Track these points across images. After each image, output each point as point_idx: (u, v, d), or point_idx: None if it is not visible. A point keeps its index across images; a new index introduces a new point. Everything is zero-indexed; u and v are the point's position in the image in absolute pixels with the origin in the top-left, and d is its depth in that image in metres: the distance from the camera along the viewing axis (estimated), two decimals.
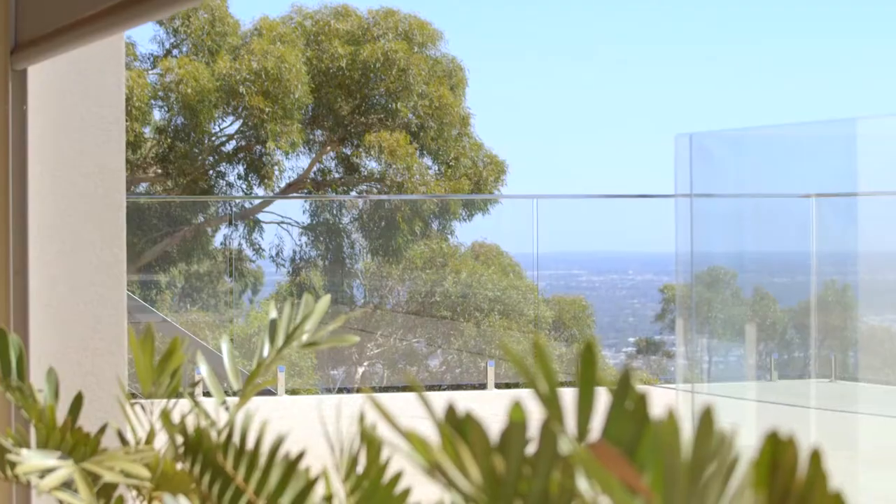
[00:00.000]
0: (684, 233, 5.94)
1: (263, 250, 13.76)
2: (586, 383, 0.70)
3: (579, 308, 13.45)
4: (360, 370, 12.17)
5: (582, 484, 0.72)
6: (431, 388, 11.85)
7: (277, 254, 13.52)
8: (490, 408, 4.24)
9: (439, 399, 0.76)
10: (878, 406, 6.25)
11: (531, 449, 0.73)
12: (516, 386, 10.97)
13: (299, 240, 13.25)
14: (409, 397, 8.71)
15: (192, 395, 1.44)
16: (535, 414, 0.73)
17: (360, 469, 1.12)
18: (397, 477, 1.03)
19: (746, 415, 6.30)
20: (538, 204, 11.36)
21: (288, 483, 1.02)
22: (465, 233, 13.69)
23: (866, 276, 6.40)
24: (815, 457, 0.68)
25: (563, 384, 0.70)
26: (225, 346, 1.49)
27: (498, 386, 11.01)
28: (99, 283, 1.82)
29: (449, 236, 13.46)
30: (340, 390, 11.77)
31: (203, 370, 1.47)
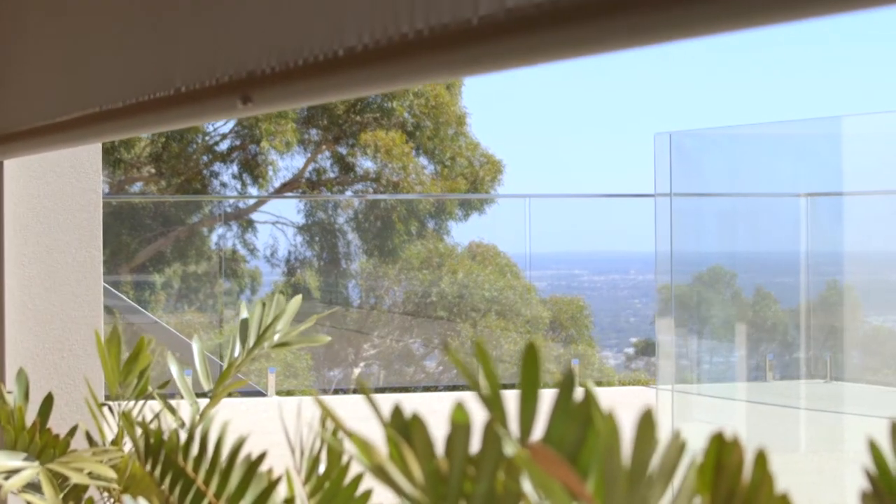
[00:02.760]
0: (664, 232, 5.94)
1: (258, 250, 13.73)
2: (529, 385, 0.69)
3: (577, 309, 13.42)
4: (357, 371, 12.15)
5: (527, 485, 0.71)
6: (428, 389, 11.83)
7: (272, 254, 13.50)
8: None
9: (439, 401, 0.75)
10: (872, 408, 6.24)
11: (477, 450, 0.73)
12: (512, 387, 10.93)
13: (294, 240, 13.23)
14: (408, 399, 8.70)
15: (162, 396, 1.44)
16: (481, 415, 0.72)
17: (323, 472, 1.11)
18: (358, 478, 1.02)
19: (736, 416, 6.29)
20: (532, 203, 11.35)
21: (249, 485, 1.01)
22: (462, 233, 13.66)
23: (861, 276, 6.39)
24: (761, 458, 0.68)
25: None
26: (195, 347, 1.49)
27: None
28: (75, 284, 1.81)
29: (445, 236, 13.44)
30: (336, 391, 11.75)
31: (174, 371, 1.46)
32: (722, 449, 0.67)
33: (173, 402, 1.42)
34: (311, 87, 0.93)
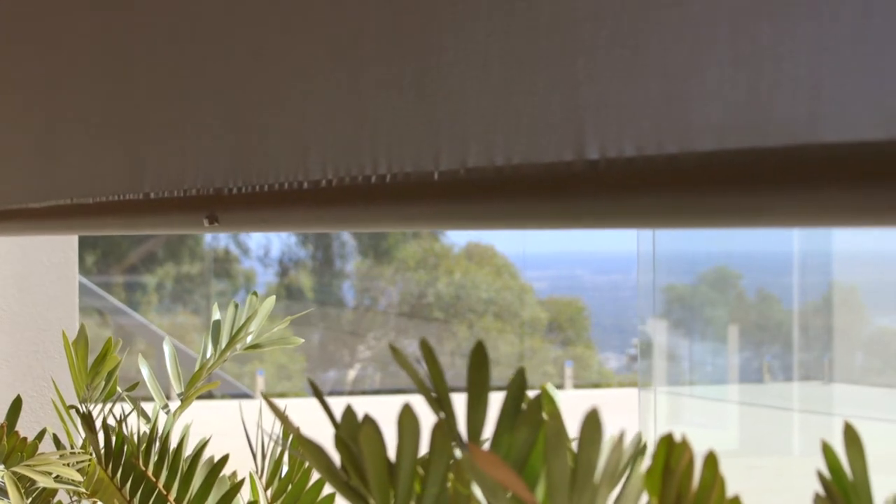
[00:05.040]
0: (646, 231, 5.93)
1: (251, 251, 13.72)
2: (476, 386, 0.68)
3: (575, 310, 13.43)
4: (352, 373, 12.15)
5: (477, 488, 0.70)
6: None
7: (265, 254, 13.48)
8: None
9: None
10: (874, 410, 6.24)
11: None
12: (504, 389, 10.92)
13: (288, 240, 13.22)
14: (404, 400, 8.67)
15: (133, 399, 1.42)
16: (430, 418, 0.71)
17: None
18: (322, 482, 1.01)
19: (729, 418, 6.28)
20: None
21: (210, 489, 1.00)
22: (459, 232, 13.67)
23: (866, 277, 6.38)
24: (711, 460, 0.66)
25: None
26: (167, 349, 1.47)
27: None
28: (49, 285, 1.80)
29: (441, 236, 13.44)
30: (331, 393, 11.74)
31: (145, 373, 1.45)
32: (671, 451, 0.66)
33: (151, 405, 1.41)
34: (276, 216, 0.92)
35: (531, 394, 0.69)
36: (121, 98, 1.14)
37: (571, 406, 0.61)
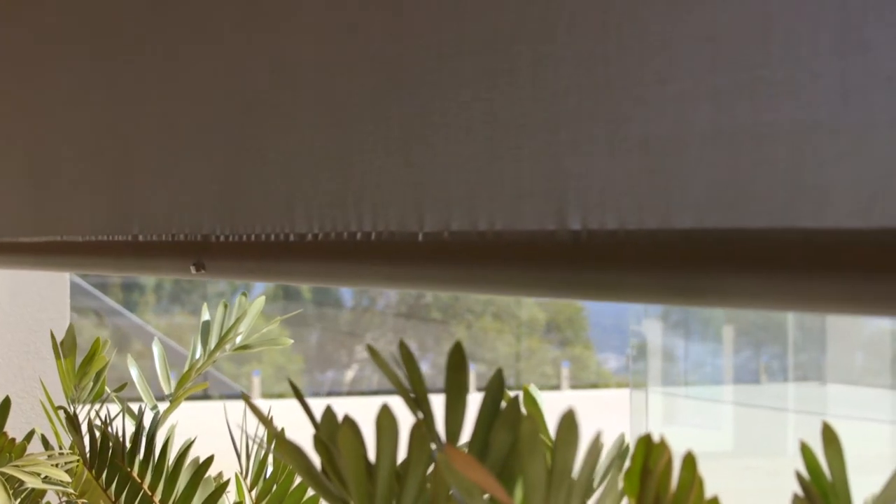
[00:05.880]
0: None
1: None
2: (455, 387, 0.68)
3: (574, 310, 13.42)
4: (350, 374, 12.15)
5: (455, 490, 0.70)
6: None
7: None
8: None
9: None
10: (871, 411, 6.24)
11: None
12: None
13: None
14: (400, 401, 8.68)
15: (122, 400, 1.42)
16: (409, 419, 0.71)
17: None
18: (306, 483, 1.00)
19: (724, 418, 6.28)
20: None
21: (195, 489, 1.00)
22: None
23: None
24: (689, 461, 0.66)
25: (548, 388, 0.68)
26: (156, 350, 1.47)
27: (480, 389, 10.98)
28: (41, 286, 1.80)
29: None
30: (329, 394, 11.74)
31: (133, 374, 1.44)
32: (650, 451, 0.66)
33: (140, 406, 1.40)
34: (262, 267, 0.92)
35: (514, 394, 0.69)
36: (111, 138, 1.14)
37: (565, 407, 0.61)
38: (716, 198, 0.54)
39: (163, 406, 1.42)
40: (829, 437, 0.66)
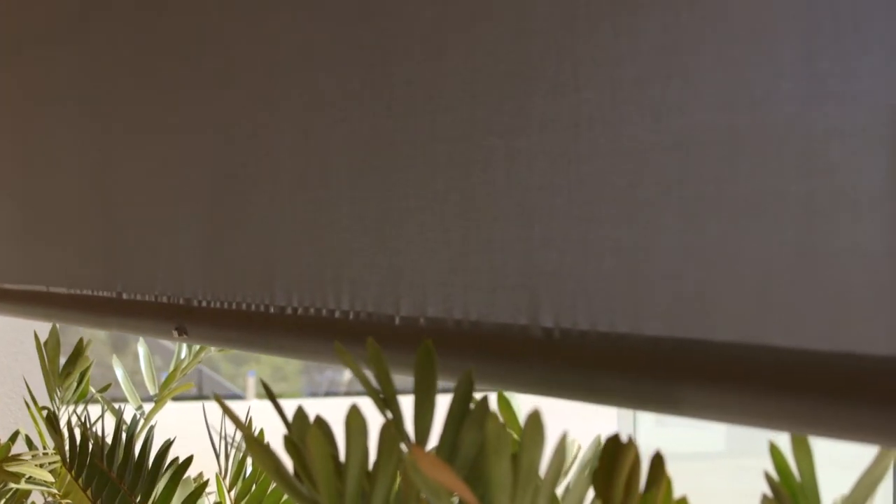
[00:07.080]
0: None
1: None
2: (423, 387, 0.68)
3: None
4: (348, 374, 12.14)
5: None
6: None
7: None
8: None
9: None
10: None
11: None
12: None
13: None
14: (404, 401, 8.67)
15: (107, 400, 1.42)
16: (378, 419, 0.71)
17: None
18: None
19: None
20: None
21: (174, 490, 1.00)
22: None
23: None
24: (657, 460, 0.66)
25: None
26: (142, 351, 1.47)
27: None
28: None
29: None
30: (328, 394, 11.74)
31: (119, 374, 1.44)
32: (618, 452, 0.66)
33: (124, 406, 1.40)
34: (243, 337, 0.92)
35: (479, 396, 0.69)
36: (100, 194, 1.14)
37: (553, 408, 0.61)
38: (683, 308, 0.54)
39: (150, 406, 1.42)
40: (798, 438, 0.66)
